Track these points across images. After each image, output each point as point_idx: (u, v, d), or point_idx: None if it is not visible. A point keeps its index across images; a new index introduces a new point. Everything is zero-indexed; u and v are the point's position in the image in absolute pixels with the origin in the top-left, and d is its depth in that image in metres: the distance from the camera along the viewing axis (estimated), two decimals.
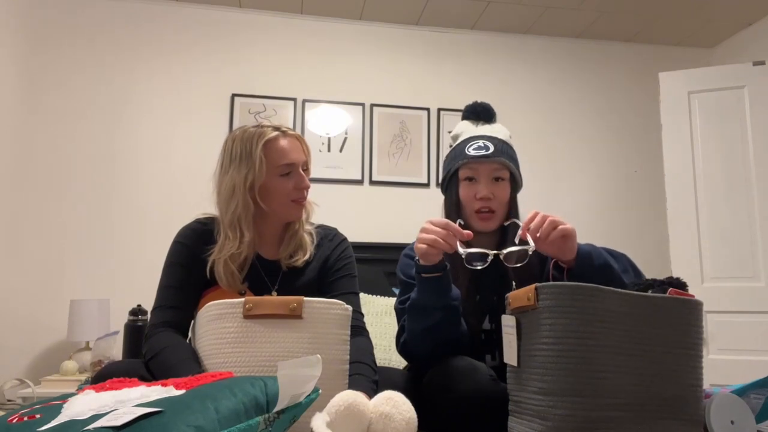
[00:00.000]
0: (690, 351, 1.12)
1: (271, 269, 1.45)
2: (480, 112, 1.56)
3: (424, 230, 1.27)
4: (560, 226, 1.27)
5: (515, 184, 1.52)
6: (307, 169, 1.47)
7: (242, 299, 1.15)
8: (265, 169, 1.38)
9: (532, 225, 1.27)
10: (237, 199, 1.38)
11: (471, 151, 1.47)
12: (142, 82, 3.22)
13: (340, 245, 1.53)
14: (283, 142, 1.41)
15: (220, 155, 1.45)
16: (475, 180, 1.47)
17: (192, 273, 1.39)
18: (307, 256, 1.45)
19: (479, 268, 1.28)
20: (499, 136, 1.52)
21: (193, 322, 1.33)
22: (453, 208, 1.51)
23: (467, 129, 1.56)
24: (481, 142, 1.48)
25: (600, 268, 1.32)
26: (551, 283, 1.09)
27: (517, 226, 1.40)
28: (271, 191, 1.41)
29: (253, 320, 1.13)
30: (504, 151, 1.49)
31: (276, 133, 1.41)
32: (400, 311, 1.50)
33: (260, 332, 1.12)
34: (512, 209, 1.51)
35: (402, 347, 1.46)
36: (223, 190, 1.40)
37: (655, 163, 3.45)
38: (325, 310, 1.16)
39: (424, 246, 1.25)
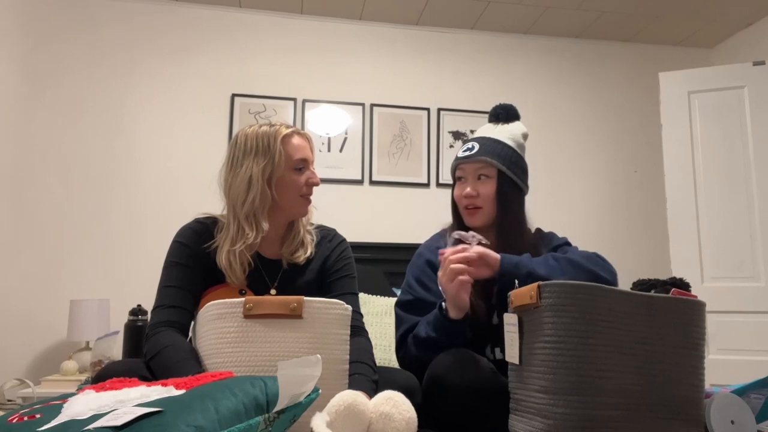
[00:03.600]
0: (692, 351, 1.12)
1: (271, 268, 1.46)
2: (499, 114, 1.63)
3: (451, 267, 1.31)
4: (459, 276, 1.31)
5: (505, 180, 1.53)
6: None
7: (242, 299, 1.15)
8: (283, 162, 1.42)
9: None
10: (255, 190, 1.39)
11: (460, 153, 1.58)
12: (141, 82, 3.22)
13: (339, 246, 1.54)
14: (297, 139, 1.46)
15: (228, 151, 1.47)
16: (464, 179, 1.57)
17: (192, 272, 1.39)
18: (308, 254, 1.47)
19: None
20: (499, 137, 1.56)
21: (193, 322, 1.33)
22: (453, 206, 1.63)
23: (483, 131, 1.63)
24: (470, 144, 1.57)
25: (526, 277, 1.35)
26: (554, 281, 1.09)
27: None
28: (285, 184, 1.43)
29: (253, 320, 1.13)
30: (490, 149, 1.53)
31: (291, 130, 1.46)
32: (401, 318, 1.51)
33: (260, 332, 1.12)
34: (502, 204, 1.53)
35: (402, 362, 1.50)
36: (238, 183, 1.41)
37: (655, 163, 3.46)
38: (326, 310, 1.16)
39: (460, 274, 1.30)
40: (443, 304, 1.37)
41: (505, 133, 1.58)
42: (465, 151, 1.56)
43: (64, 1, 3.18)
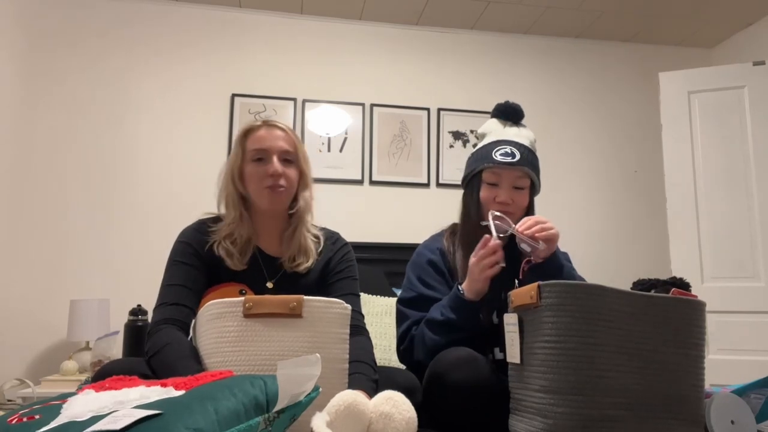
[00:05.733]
0: (692, 351, 1.12)
1: (271, 264, 1.46)
2: (509, 113, 1.61)
3: (482, 258, 1.37)
4: (551, 230, 1.39)
5: (534, 189, 1.58)
6: (290, 161, 1.46)
7: (242, 298, 1.15)
8: (241, 154, 1.46)
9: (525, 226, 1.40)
10: (227, 182, 1.47)
11: (497, 156, 1.52)
12: (141, 82, 3.22)
13: (343, 248, 1.54)
14: (262, 131, 1.46)
15: None
16: (497, 185, 1.52)
17: (195, 271, 1.39)
18: (309, 263, 1.46)
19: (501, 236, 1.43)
20: (525, 143, 1.56)
21: (193, 321, 1.33)
22: (473, 207, 1.56)
23: (495, 129, 1.59)
24: (508, 148, 1.52)
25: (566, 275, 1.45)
26: (554, 281, 1.09)
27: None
28: (247, 176, 1.45)
29: (253, 319, 1.13)
30: (528, 160, 1.53)
31: (259, 124, 1.48)
32: (404, 314, 1.51)
33: (260, 331, 1.12)
34: (529, 213, 1.57)
35: (403, 356, 1.51)
36: (221, 177, 1.50)
37: (655, 163, 3.45)
38: (325, 309, 1.16)
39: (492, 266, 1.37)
40: (460, 287, 1.40)
41: (525, 138, 1.57)
42: (504, 156, 1.51)
43: (64, 2, 3.18)
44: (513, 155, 1.51)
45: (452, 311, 1.39)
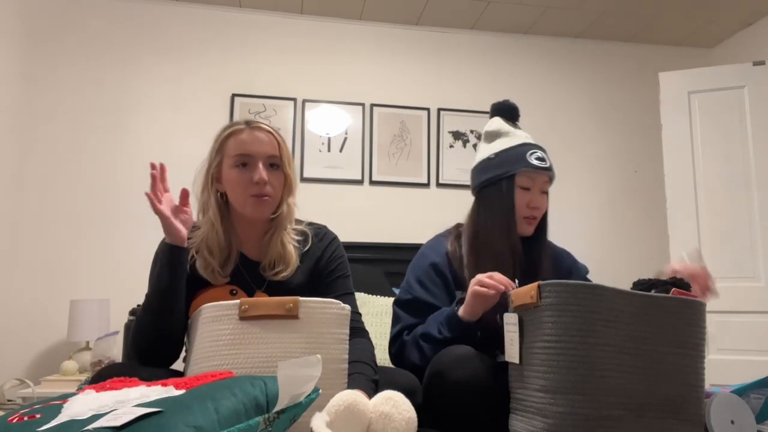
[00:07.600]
0: (692, 351, 1.12)
1: (254, 270, 1.41)
2: (512, 113, 1.63)
3: (489, 277, 1.31)
4: None
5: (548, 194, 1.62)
6: (275, 165, 1.38)
7: (237, 301, 1.14)
8: (221, 158, 1.39)
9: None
10: (206, 187, 1.40)
11: (533, 160, 1.52)
12: (141, 82, 3.22)
13: (331, 244, 1.48)
14: (245, 135, 1.37)
15: None
16: (530, 189, 1.53)
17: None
18: (288, 271, 1.38)
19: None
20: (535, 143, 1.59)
21: (188, 324, 1.32)
22: (505, 211, 1.52)
23: (510, 130, 1.59)
24: (540, 153, 1.54)
25: None
26: (554, 281, 1.09)
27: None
28: (229, 182, 1.38)
29: (249, 322, 1.12)
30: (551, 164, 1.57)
31: (242, 126, 1.39)
32: (398, 316, 1.51)
33: (256, 334, 1.11)
34: (545, 216, 1.60)
35: (395, 358, 1.51)
36: (196, 182, 1.44)
37: (655, 163, 3.45)
38: (322, 310, 1.15)
39: (486, 290, 1.30)
40: (456, 308, 1.38)
41: (531, 139, 1.58)
42: (538, 160, 1.51)
43: (65, 2, 3.18)
44: (545, 161, 1.53)
45: (449, 330, 1.37)
